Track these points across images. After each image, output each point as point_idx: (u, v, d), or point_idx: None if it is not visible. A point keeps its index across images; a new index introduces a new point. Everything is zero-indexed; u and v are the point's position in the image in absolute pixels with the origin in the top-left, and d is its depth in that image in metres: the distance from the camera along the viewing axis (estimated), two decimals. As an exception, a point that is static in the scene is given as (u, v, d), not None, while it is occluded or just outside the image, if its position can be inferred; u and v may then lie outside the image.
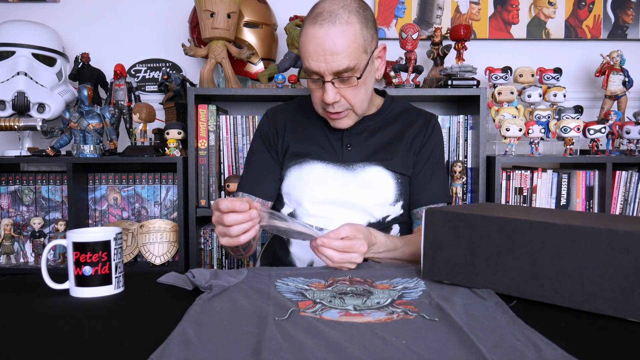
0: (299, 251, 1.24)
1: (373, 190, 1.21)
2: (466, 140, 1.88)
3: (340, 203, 1.21)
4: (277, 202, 1.30)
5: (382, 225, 1.21)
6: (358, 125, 1.25)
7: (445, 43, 1.96)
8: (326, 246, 0.94)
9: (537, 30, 2.15)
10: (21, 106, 1.82)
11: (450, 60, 1.96)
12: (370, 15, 1.15)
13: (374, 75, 1.21)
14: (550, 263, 0.76)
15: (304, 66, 1.14)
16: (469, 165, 1.88)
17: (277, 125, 1.31)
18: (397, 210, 1.24)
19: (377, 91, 1.36)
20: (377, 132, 1.26)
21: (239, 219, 0.93)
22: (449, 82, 1.81)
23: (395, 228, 1.24)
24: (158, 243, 1.86)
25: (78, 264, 0.85)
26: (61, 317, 0.76)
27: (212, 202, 0.97)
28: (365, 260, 1.18)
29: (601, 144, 1.88)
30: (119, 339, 0.67)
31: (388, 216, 1.23)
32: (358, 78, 1.13)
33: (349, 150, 1.24)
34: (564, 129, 1.76)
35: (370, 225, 1.20)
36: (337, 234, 0.96)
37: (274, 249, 1.33)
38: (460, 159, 1.88)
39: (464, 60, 1.89)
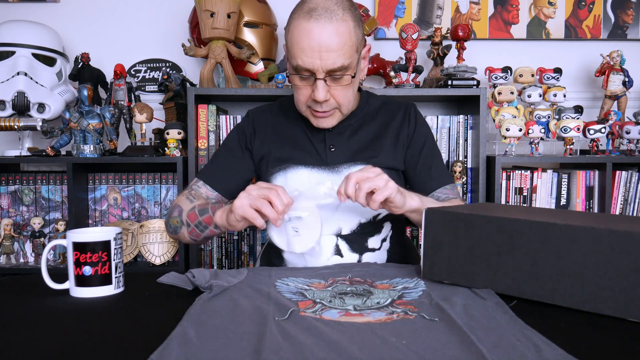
0: (292, 256, 1.23)
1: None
2: (466, 140, 1.88)
3: (329, 206, 1.20)
4: None
5: (375, 223, 1.21)
6: (339, 125, 1.23)
7: (445, 43, 1.96)
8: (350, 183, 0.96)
9: (537, 30, 2.15)
10: (21, 106, 1.82)
11: (450, 60, 1.96)
12: (359, 15, 1.14)
13: (360, 76, 1.20)
14: (550, 263, 0.76)
15: (294, 63, 1.10)
16: (469, 165, 1.88)
17: (257, 127, 1.29)
18: None
19: None
20: (359, 129, 1.25)
21: (279, 207, 0.96)
22: (449, 82, 1.81)
23: (387, 225, 1.23)
24: (158, 243, 1.86)
25: (78, 264, 0.85)
26: (61, 317, 0.76)
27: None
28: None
29: (601, 144, 1.88)
30: (119, 339, 0.67)
31: (379, 214, 1.22)
32: (352, 77, 1.12)
33: (332, 152, 1.22)
34: (564, 129, 1.76)
35: (362, 224, 1.19)
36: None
37: (269, 254, 1.32)
38: (460, 159, 1.88)
39: (463, 60, 1.89)
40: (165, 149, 1.84)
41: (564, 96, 1.86)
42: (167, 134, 1.83)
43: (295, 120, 1.27)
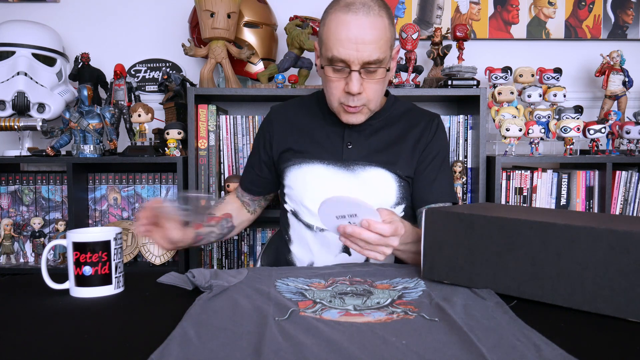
0: (300, 251, 1.24)
1: (374, 191, 1.21)
2: (466, 140, 1.88)
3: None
4: (282, 199, 1.31)
5: None
6: (360, 124, 1.25)
7: (445, 43, 1.96)
8: (371, 229, 0.88)
9: (537, 30, 2.15)
10: (21, 106, 1.82)
11: (450, 60, 1.96)
12: (392, 15, 1.17)
13: (389, 75, 1.21)
14: (550, 263, 0.76)
15: (329, 54, 1.11)
16: (469, 165, 1.88)
17: (276, 124, 1.31)
18: (398, 213, 1.23)
19: None
20: (379, 131, 1.25)
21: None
22: (449, 82, 1.81)
23: None
24: (158, 243, 1.86)
25: (78, 264, 0.85)
26: (61, 317, 0.76)
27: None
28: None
29: (601, 144, 1.88)
30: (119, 339, 0.67)
31: None
32: (387, 70, 1.14)
33: (349, 149, 1.23)
34: (564, 129, 1.76)
35: None
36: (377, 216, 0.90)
37: (276, 247, 1.33)
38: (460, 159, 1.88)
39: (463, 60, 1.89)
40: (165, 149, 1.84)
41: (564, 96, 1.86)
42: (167, 134, 1.83)
43: (314, 115, 1.29)
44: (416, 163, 1.24)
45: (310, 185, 1.22)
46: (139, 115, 1.82)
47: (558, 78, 1.88)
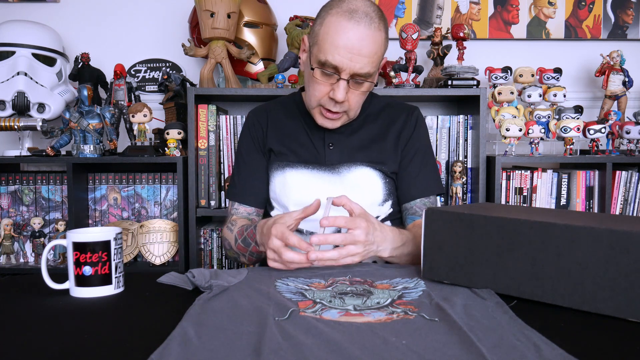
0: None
1: (360, 191, 1.20)
2: (466, 140, 1.88)
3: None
4: (267, 206, 1.29)
5: None
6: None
7: (445, 43, 1.96)
8: (322, 243, 0.93)
9: (537, 30, 2.15)
10: (21, 106, 1.82)
11: (450, 60, 1.96)
12: (387, 27, 1.16)
13: None
14: (550, 263, 0.76)
15: (323, 58, 1.09)
16: (469, 165, 1.88)
17: (262, 123, 1.30)
18: (386, 210, 1.23)
19: None
20: (359, 129, 1.25)
21: (297, 260, 0.94)
22: (449, 82, 1.81)
23: (388, 225, 1.23)
24: (158, 243, 1.86)
25: (78, 264, 0.85)
26: (61, 317, 0.76)
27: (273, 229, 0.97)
28: (375, 261, 1.17)
29: (601, 144, 1.88)
30: (119, 339, 0.67)
31: (378, 216, 1.22)
32: (375, 85, 1.15)
33: (331, 149, 1.23)
34: (564, 129, 1.76)
35: None
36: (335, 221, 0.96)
37: None
38: (460, 159, 1.88)
39: (463, 60, 1.89)
40: (165, 149, 1.84)
41: (564, 96, 1.86)
42: (167, 134, 1.83)
43: (294, 117, 1.28)
44: (400, 158, 1.25)
45: (296, 192, 1.21)
46: (144, 116, 1.81)
47: (558, 78, 1.89)
